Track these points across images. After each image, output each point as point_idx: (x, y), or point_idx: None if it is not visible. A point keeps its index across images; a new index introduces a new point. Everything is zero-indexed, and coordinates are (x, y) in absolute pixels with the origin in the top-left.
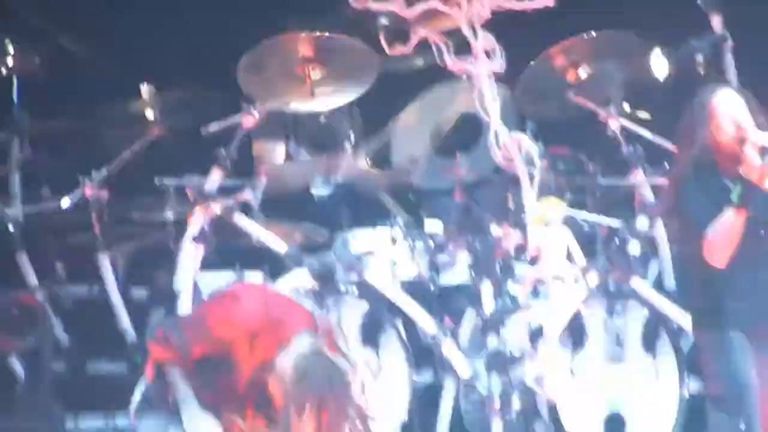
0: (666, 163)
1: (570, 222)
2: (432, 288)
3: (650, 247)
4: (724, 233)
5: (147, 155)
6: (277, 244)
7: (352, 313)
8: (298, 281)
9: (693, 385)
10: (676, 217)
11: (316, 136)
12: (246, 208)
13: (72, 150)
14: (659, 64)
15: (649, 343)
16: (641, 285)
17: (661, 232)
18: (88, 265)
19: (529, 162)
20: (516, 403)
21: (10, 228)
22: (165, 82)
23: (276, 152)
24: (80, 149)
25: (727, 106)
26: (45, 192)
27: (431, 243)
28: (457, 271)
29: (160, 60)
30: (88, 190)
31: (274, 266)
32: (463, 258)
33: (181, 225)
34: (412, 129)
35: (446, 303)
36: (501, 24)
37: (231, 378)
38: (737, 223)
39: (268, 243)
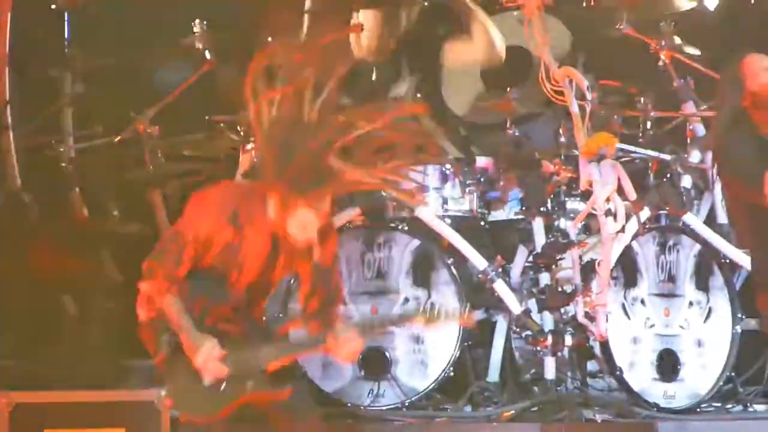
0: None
1: (621, 156)
2: (483, 224)
3: (702, 180)
4: None
5: (199, 91)
6: None
7: (402, 249)
8: (349, 218)
9: (746, 321)
10: (727, 178)
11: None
12: None
13: (124, 86)
14: None
15: (702, 278)
16: (693, 219)
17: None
18: (141, 201)
19: (580, 95)
20: (568, 340)
21: (63, 165)
22: (216, 17)
23: None
24: (132, 85)
25: (760, 60)
26: (97, 128)
27: (482, 179)
28: (508, 207)
29: None
30: (140, 126)
31: None
32: (515, 194)
33: (232, 161)
34: (463, 62)
35: (497, 239)
36: None
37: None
38: None
39: None
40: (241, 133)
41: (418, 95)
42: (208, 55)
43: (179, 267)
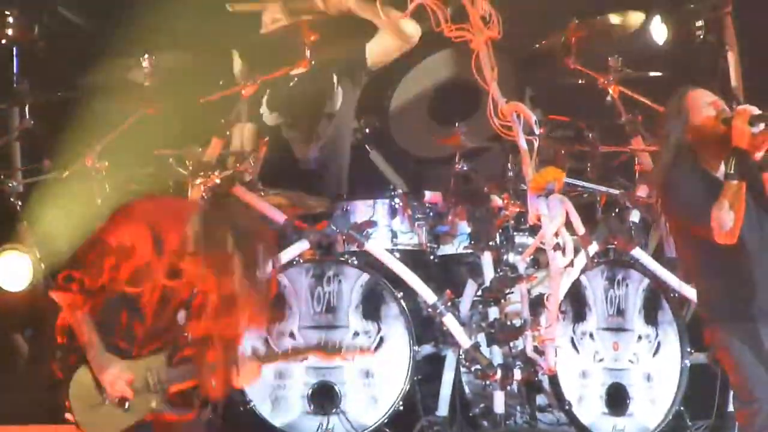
0: None
1: (569, 190)
2: (432, 258)
3: (650, 214)
4: (729, 206)
5: (147, 126)
6: (277, 214)
7: (352, 283)
8: (298, 252)
9: (694, 355)
10: (673, 213)
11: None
12: (246, 179)
13: (72, 121)
14: (659, 30)
15: (650, 312)
16: (642, 254)
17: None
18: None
19: (528, 130)
20: (517, 374)
21: (12, 199)
22: (164, 52)
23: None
24: (80, 120)
25: (703, 94)
26: (46, 163)
27: (431, 213)
28: (457, 241)
29: (159, 29)
30: (89, 161)
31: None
32: (463, 228)
33: (181, 196)
34: (410, 97)
35: (446, 273)
36: None
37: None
38: (739, 194)
39: (268, 214)
40: (189, 167)
41: (367, 130)
42: (155, 89)
43: (99, 278)
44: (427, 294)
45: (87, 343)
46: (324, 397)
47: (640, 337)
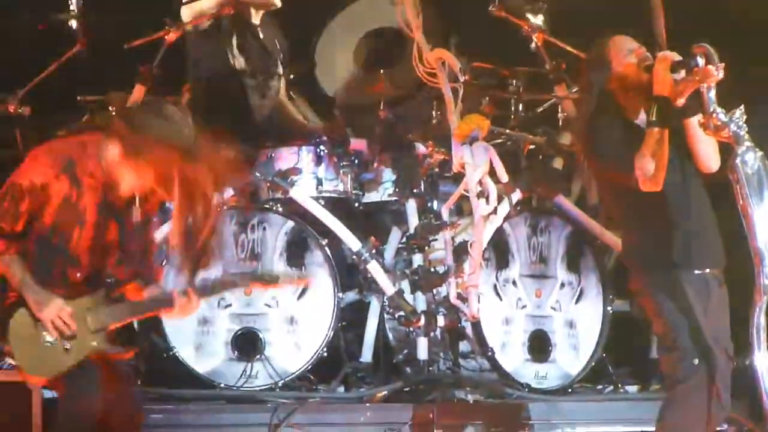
0: None
1: (493, 138)
2: (357, 205)
3: (573, 162)
4: (652, 154)
5: (70, 70)
6: None
7: (276, 231)
8: (223, 199)
9: (616, 302)
10: (596, 162)
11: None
12: None
13: None
14: None
15: (573, 259)
16: (564, 201)
17: None
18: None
19: (453, 78)
20: (440, 321)
21: None
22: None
23: None
24: (2, 63)
25: (625, 41)
26: None
27: (356, 160)
28: (382, 189)
29: None
30: (11, 106)
31: None
32: (388, 175)
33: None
34: (335, 44)
35: (371, 221)
36: None
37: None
38: (662, 141)
39: None
40: (113, 113)
41: (291, 77)
42: (80, 32)
43: (17, 222)
44: (351, 241)
45: (21, 284)
46: (247, 344)
47: (562, 285)
